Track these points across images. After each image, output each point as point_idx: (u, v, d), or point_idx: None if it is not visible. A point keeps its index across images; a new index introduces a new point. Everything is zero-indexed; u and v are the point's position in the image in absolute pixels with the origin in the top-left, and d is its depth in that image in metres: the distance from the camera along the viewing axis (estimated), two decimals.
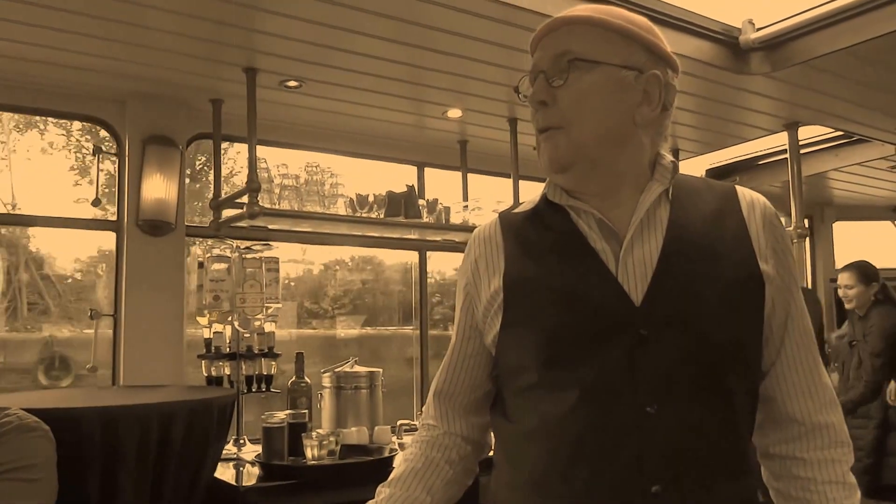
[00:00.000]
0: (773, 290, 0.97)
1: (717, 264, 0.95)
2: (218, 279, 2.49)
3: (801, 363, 1.01)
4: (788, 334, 1.00)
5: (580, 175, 0.99)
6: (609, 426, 0.91)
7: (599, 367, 0.92)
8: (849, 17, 2.35)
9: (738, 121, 3.20)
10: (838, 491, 0.98)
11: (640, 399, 0.91)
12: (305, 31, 2.18)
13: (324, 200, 2.57)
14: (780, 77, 2.66)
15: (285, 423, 2.26)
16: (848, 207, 4.92)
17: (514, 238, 1.04)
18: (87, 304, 3.40)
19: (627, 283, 0.94)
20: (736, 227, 0.98)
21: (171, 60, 2.38)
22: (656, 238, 0.96)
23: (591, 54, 0.96)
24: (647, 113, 0.98)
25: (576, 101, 0.96)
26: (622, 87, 0.96)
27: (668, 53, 1.01)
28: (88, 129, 3.02)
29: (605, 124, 0.97)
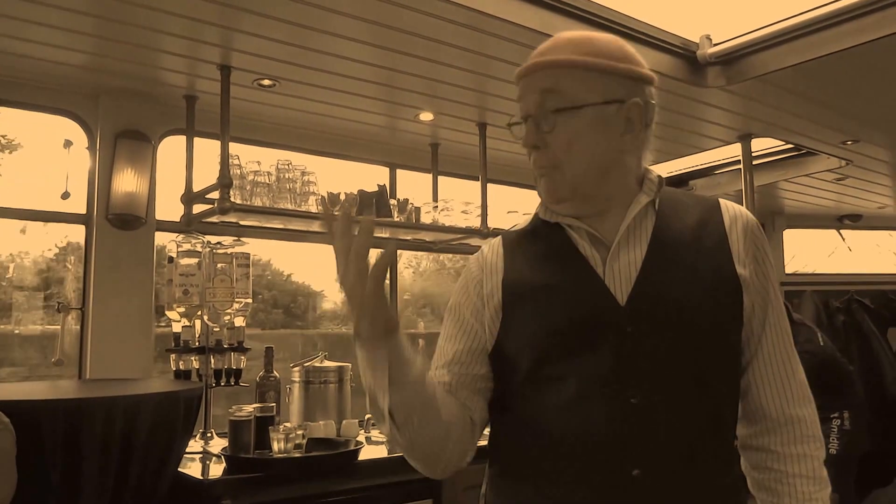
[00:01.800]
0: (751, 294, 1.06)
1: (698, 269, 1.04)
2: (187, 273, 2.51)
3: (777, 360, 1.10)
4: (766, 333, 1.09)
5: (577, 204, 1.09)
6: (596, 415, 0.99)
7: (588, 361, 1.01)
8: (799, 36, 2.47)
9: (695, 131, 3.32)
10: (809, 485, 1.07)
11: (625, 390, 0.99)
12: (281, 31, 2.21)
13: (296, 198, 2.61)
14: (734, 91, 2.78)
15: (252, 416, 2.27)
16: (797, 216, 5.11)
17: (512, 250, 1.14)
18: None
19: (613, 286, 1.03)
20: (717, 235, 1.07)
21: (146, 56, 2.39)
22: (641, 246, 1.06)
23: (573, 99, 1.03)
24: (631, 140, 1.07)
25: (566, 145, 1.05)
26: (606, 122, 1.04)
27: (643, 74, 1.08)
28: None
29: (594, 161, 1.05)
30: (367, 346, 0.97)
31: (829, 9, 2.36)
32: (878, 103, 3.00)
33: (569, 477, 1.00)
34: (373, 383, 0.99)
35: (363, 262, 0.92)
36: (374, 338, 0.96)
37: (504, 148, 3.38)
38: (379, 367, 0.97)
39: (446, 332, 1.15)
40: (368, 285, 0.92)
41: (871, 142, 3.47)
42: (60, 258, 2.78)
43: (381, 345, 0.96)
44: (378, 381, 0.98)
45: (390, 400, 0.98)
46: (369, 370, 0.98)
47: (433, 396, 1.03)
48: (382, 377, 0.97)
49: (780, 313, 1.11)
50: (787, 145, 3.64)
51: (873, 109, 3.06)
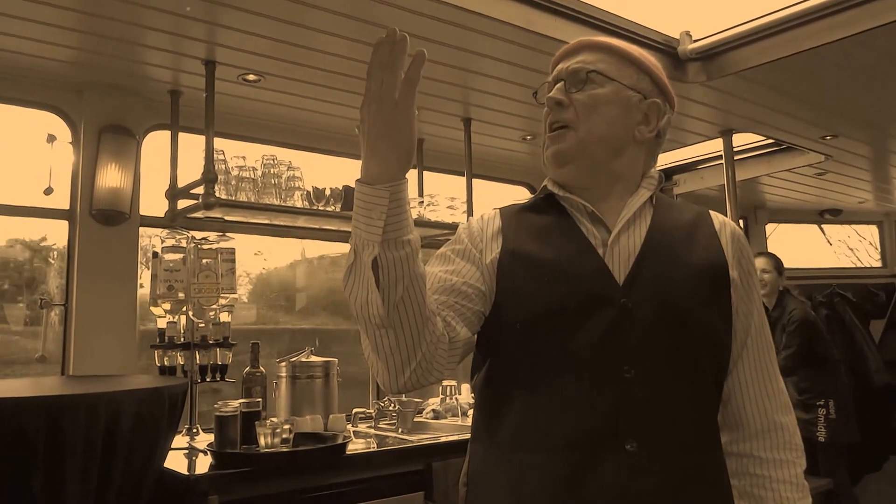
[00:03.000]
0: (737, 297, 1.10)
1: (692, 260, 1.08)
2: (172, 269, 2.50)
3: (760, 368, 1.13)
4: (751, 339, 1.13)
5: (579, 170, 1.12)
6: (589, 386, 1.01)
7: (584, 334, 1.02)
8: (778, 32, 2.51)
9: (678, 126, 3.34)
10: (792, 491, 1.10)
11: (619, 363, 1.01)
12: (266, 26, 2.22)
13: (281, 193, 2.61)
14: (715, 86, 2.81)
15: (238, 411, 2.26)
16: (779, 210, 5.18)
17: (511, 222, 1.15)
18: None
19: (612, 266, 1.07)
20: (708, 236, 1.13)
21: (131, 51, 2.38)
22: (640, 232, 1.10)
23: (607, 72, 1.12)
24: (644, 132, 1.13)
25: (588, 106, 1.11)
26: (628, 105, 1.12)
27: (670, 91, 1.18)
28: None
29: (609, 131, 1.11)
30: (372, 180, 0.89)
31: (806, 5, 2.40)
32: (856, 99, 3.04)
33: (560, 448, 1.00)
34: (364, 231, 0.89)
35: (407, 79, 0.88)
36: (385, 172, 0.89)
37: (489, 143, 3.40)
38: (377, 211, 0.88)
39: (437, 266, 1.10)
40: (400, 95, 0.87)
41: (850, 137, 3.52)
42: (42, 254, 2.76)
43: (389, 184, 0.89)
44: (372, 227, 0.89)
45: (380, 252, 0.88)
46: (364, 214, 0.89)
47: (423, 275, 0.94)
48: (378, 224, 0.88)
49: (763, 322, 1.14)
50: (768, 140, 3.68)
51: (851, 105, 3.11)
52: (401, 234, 0.90)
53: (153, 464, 1.98)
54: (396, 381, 0.97)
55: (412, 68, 0.89)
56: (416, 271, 0.92)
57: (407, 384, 0.98)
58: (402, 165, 0.91)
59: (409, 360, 0.95)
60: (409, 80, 0.89)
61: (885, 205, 5.17)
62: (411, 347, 0.95)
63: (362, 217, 0.90)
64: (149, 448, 1.93)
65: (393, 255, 0.89)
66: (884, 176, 4.37)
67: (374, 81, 0.88)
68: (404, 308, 0.92)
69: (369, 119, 0.89)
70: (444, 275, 1.07)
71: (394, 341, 0.94)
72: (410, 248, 0.91)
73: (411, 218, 0.93)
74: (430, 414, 3.05)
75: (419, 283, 0.93)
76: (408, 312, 0.92)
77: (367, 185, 0.90)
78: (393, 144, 0.89)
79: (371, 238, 0.89)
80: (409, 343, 0.94)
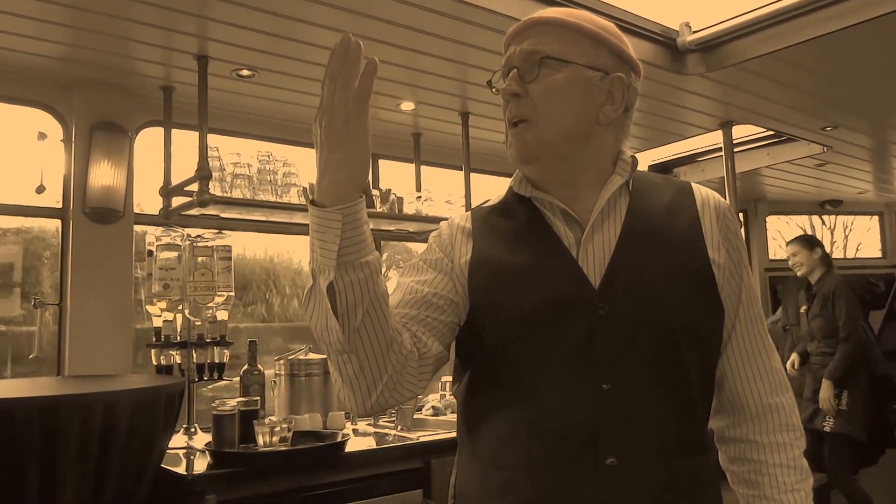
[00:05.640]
0: (723, 278, 1.04)
1: (671, 251, 1.02)
2: (167, 267, 2.48)
3: (752, 347, 1.07)
4: (739, 319, 1.07)
5: (545, 167, 1.05)
6: (567, 401, 0.96)
7: (559, 344, 0.97)
8: (777, 23, 2.49)
9: (677, 119, 3.33)
10: (790, 475, 1.04)
11: (597, 376, 0.95)
12: (258, 20, 2.19)
13: (276, 189, 2.59)
14: (714, 78, 2.79)
15: (236, 410, 2.24)
16: (779, 202, 5.17)
17: (482, 226, 1.10)
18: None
19: (587, 267, 1.00)
20: (689, 218, 1.05)
21: (122, 46, 2.35)
22: (614, 227, 1.03)
23: (561, 54, 1.03)
24: (609, 113, 1.04)
25: (545, 97, 1.02)
26: (588, 86, 1.03)
27: (632, 58, 1.08)
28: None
29: (571, 121, 1.03)
30: (325, 201, 0.85)
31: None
32: (856, 89, 3.02)
33: (539, 465, 0.96)
34: (319, 255, 0.86)
35: (359, 91, 0.84)
36: (337, 191, 0.85)
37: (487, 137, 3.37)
38: (330, 234, 0.85)
39: (409, 276, 1.07)
40: (353, 107, 0.84)
41: (850, 127, 3.50)
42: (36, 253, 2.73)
43: (342, 206, 0.85)
44: (326, 251, 0.85)
45: (336, 277, 0.85)
46: (318, 237, 0.86)
47: (385, 295, 0.90)
48: (332, 247, 0.85)
49: (753, 299, 1.08)
50: (768, 132, 3.67)
51: (851, 95, 3.09)
52: (358, 257, 0.86)
53: (150, 463, 1.96)
54: (364, 405, 0.94)
55: (363, 79, 0.85)
56: (377, 292, 0.88)
57: (375, 407, 0.94)
58: (355, 184, 0.87)
59: (374, 383, 0.92)
60: (361, 91, 0.85)
61: (885, 195, 5.16)
62: (376, 371, 0.91)
63: (317, 241, 0.87)
64: (145, 448, 1.92)
65: (350, 278, 0.86)
66: (884, 166, 4.36)
67: (327, 92, 0.85)
68: (366, 332, 0.89)
69: (321, 133, 0.86)
70: (415, 285, 1.04)
71: (357, 366, 0.90)
72: (369, 269, 0.87)
73: (370, 237, 0.89)
74: (430, 411, 3.03)
75: (380, 304, 0.89)
76: (370, 336, 0.89)
77: (319, 207, 0.86)
78: (345, 161, 0.85)
79: (326, 262, 0.86)
80: (374, 367, 0.91)
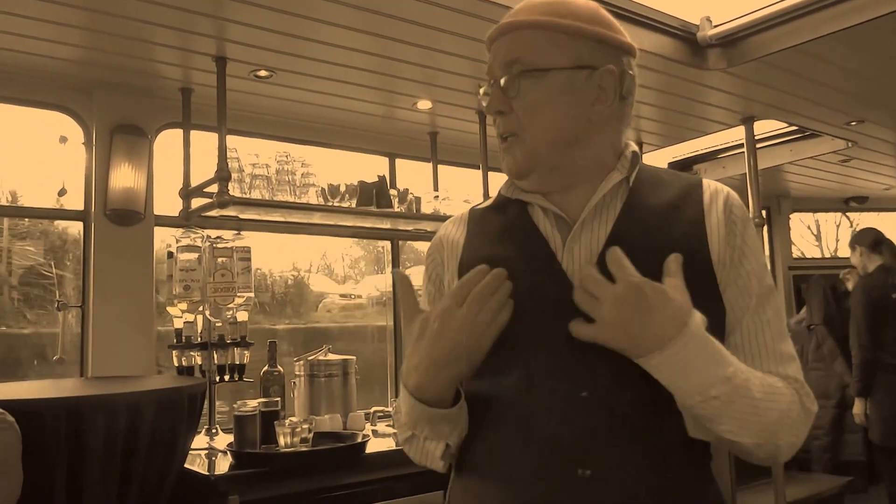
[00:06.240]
0: (726, 277, 0.96)
1: (667, 249, 0.93)
2: (188, 269, 2.49)
3: (755, 351, 0.96)
4: (742, 322, 0.97)
5: (540, 179, 1.01)
6: (545, 409, 0.92)
7: (540, 351, 0.94)
8: (800, 16, 2.44)
9: (698, 115, 3.29)
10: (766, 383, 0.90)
11: (576, 384, 0.91)
12: (276, 20, 2.18)
13: (295, 190, 2.59)
14: (736, 73, 2.75)
15: (257, 411, 2.25)
16: (803, 199, 5.09)
17: (475, 227, 1.08)
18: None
19: (571, 270, 0.95)
20: (693, 215, 0.98)
21: (140, 49, 2.36)
22: (606, 225, 0.97)
23: (540, 62, 0.97)
24: (602, 110, 0.98)
25: (530, 111, 0.97)
26: (574, 89, 0.97)
27: (620, 41, 1.00)
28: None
29: (559, 130, 0.97)
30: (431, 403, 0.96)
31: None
32: (882, 83, 2.97)
33: (517, 476, 0.93)
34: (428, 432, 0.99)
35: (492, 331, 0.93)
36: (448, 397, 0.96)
37: None
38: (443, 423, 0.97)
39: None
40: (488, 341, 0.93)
41: (876, 122, 3.44)
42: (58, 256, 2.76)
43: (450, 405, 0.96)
44: (440, 431, 0.98)
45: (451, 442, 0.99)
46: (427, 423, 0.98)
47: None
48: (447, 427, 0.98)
49: (764, 297, 0.97)
50: (791, 127, 3.61)
51: (877, 89, 3.03)
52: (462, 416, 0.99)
53: (173, 464, 1.98)
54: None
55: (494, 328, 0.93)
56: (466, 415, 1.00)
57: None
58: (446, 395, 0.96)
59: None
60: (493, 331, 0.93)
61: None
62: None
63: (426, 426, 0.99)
64: (169, 448, 1.94)
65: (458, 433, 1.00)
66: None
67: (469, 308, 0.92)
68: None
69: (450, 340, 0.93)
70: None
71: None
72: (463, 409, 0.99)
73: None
74: None
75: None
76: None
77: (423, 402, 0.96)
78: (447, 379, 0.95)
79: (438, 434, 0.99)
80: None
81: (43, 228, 2.99)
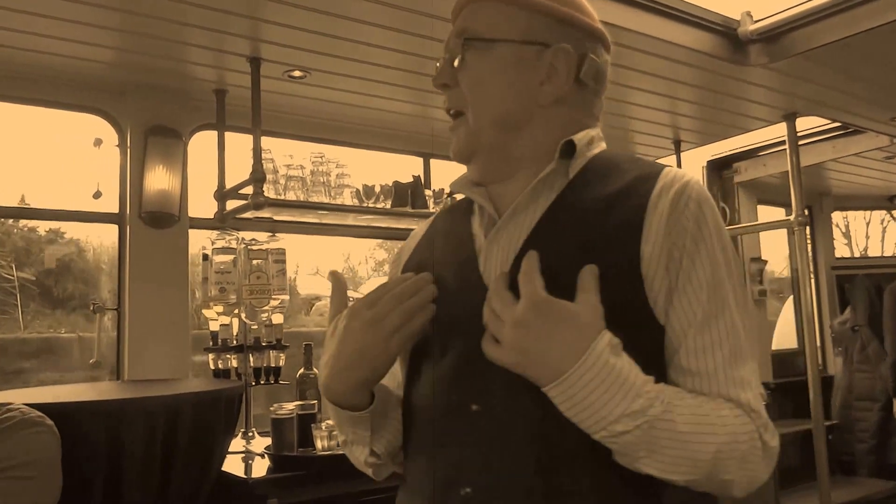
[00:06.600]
0: (670, 286, 0.80)
1: (591, 252, 0.80)
2: (223, 271, 2.48)
3: (708, 367, 0.79)
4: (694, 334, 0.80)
5: (484, 163, 0.93)
6: (440, 422, 0.86)
7: (445, 361, 0.87)
8: (843, 10, 2.37)
9: (739, 112, 3.22)
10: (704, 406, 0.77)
11: (468, 397, 0.83)
12: (310, 20, 2.16)
13: (330, 191, 2.57)
14: (777, 68, 2.68)
15: (294, 414, 2.24)
16: (846, 197, 4.97)
17: (431, 227, 1.02)
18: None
19: (487, 273, 0.86)
20: (633, 211, 0.82)
21: (174, 50, 2.36)
22: (528, 225, 0.86)
23: (486, 32, 0.90)
24: (550, 92, 0.89)
25: (473, 85, 0.90)
26: (521, 65, 0.89)
27: (584, 22, 0.91)
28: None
29: (502, 108, 0.90)
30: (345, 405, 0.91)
31: None
32: None
33: (414, 489, 0.89)
34: (351, 436, 0.95)
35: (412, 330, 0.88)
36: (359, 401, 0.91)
37: None
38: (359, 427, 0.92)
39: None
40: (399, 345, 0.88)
41: None
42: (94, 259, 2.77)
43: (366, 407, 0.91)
44: (360, 435, 0.93)
45: (375, 448, 0.94)
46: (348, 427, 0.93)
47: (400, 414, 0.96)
48: (365, 432, 0.92)
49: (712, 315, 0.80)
50: (834, 124, 3.54)
51: None
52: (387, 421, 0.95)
53: (212, 467, 1.98)
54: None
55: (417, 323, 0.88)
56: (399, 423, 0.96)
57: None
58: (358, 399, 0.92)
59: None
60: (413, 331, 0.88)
61: None
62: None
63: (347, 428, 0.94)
64: (207, 451, 1.94)
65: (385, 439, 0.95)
66: None
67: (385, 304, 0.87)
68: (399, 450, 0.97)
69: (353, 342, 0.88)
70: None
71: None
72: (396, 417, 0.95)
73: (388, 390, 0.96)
74: None
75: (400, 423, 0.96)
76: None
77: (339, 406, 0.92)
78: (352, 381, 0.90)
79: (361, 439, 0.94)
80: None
81: (6, 230, 2.99)
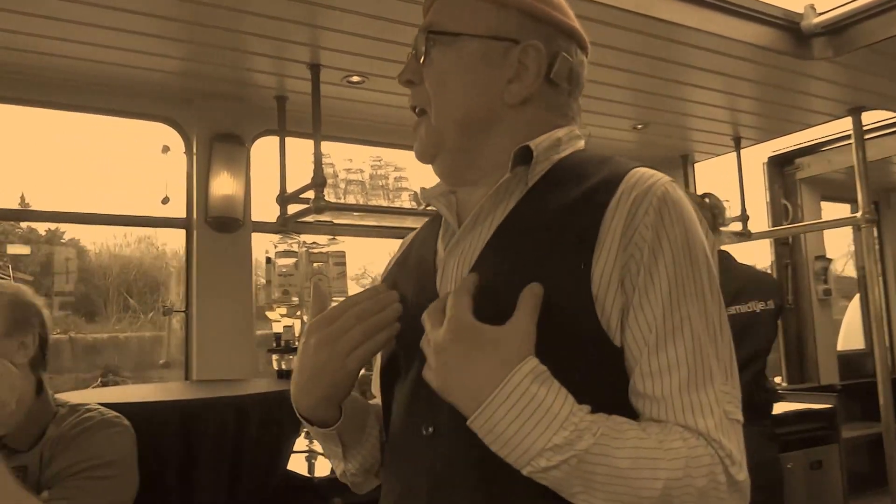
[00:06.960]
0: (627, 303, 0.73)
1: (538, 269, 0.74)
2: (286, 274, 2.53)
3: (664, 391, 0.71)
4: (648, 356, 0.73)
5: (447, 164, 0.88)
6: (398, 443, 0.85)
7: (406, 381, 0.84)
8: None
9: (801, 107, 3.14)
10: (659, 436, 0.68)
11: (420, 419, 0.80)
12: (367, 26, 2.19)
13: (388, 194, 2.60)
14: (842, 62, 2.61)
15: None
16: None
17: (414, 236, 0.99)
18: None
19: (444, 287, 0.83)
20: (589, 220, 0.75)
21: (237, 59, 2.42)
22: (484, 237, 0.81)
23: (452, 26, 0.85)
24: (518, 91, 0.83)
25: (437, 82, 0.85)
26: (487, 62, 0.83)
27: (559, 19, 0.86)
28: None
29: (466, 107, 0.84)
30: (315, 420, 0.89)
31: None
32: None
33: None
34: (326, 451, 0.93)
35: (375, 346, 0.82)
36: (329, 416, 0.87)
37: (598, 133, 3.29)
38: (329, 442, 0.90)
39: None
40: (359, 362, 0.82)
41: None
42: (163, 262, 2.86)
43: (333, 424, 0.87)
44: (332, 451, 0.91)
45: (347, 466, 0.92)
46: (321, 441, 0.92)
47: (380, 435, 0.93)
48: (336, 448, 0.90)
49: (667, 336, 0.72)
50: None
51: None
52: (362, 438, 0.92)
53: (278, 465, 2.02)
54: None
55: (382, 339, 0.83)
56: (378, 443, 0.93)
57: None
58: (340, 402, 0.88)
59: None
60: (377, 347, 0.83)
61: None
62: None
63: (321, 442, 0.92)
64: (274, 450, 1.97)
65: (360, 456, 0.92)
66: None
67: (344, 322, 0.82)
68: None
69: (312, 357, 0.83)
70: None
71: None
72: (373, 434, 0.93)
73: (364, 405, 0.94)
74: None
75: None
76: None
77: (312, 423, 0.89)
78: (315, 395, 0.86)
79: (335, 454, 0.92)
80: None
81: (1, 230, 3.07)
